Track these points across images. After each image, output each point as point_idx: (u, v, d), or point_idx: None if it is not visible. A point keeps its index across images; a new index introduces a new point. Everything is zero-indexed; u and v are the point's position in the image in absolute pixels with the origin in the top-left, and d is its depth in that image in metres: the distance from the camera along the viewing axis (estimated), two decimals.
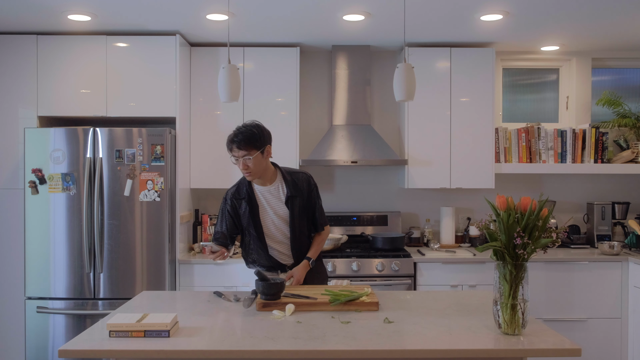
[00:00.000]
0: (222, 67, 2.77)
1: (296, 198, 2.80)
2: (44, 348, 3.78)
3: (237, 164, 2.69)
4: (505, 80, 4.76)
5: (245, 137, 2.64)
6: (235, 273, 3.93)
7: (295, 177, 2.84)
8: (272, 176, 2.81)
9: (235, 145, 2.65)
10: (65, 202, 3.76)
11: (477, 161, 4.30)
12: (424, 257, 4.03)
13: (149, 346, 1.98)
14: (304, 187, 2.83)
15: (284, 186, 2.81)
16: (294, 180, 2.82)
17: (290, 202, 2.79)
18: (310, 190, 2.86)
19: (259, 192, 2.81)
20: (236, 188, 2.84)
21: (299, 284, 2.79)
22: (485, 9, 3.48)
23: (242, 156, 2.65)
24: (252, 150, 2.65)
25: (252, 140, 2.65)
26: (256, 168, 2.69)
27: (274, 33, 4.02)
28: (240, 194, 2.80)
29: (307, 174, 2.89)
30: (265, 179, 2.79)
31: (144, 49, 3.97)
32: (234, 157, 2.68)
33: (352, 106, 4.41)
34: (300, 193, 2.81)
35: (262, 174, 2.75)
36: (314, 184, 2.89)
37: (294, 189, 2.80)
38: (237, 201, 2.81)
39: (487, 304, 2.52)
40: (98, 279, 3.78)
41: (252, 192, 2.79)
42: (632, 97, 4.78)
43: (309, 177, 2.88)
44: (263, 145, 2.69)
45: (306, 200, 2.84)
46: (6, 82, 3.93)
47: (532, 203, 2.08)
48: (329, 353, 1.95)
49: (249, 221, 2.79)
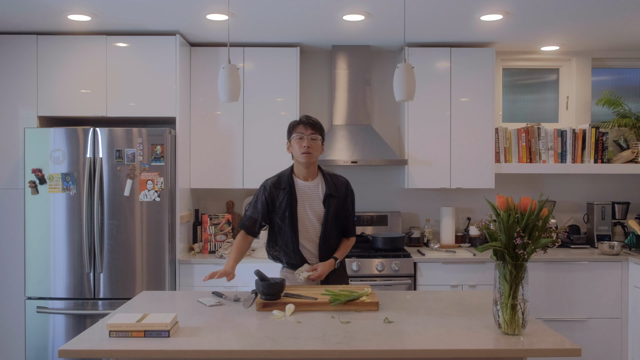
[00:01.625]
0: (222, 67, 2.77)
1: (333, 198, 2.84)
2: (44, 348, 3.78)
3: (298, 143, 2.77)
4: (505, 80, 4.76)
5: (315, 121, 2.83)
6: (236, 273, 3.92)
7: (335, 179, 2.92)
8: (315, 173, 2.88)
9: (306, 124, 2.79)
10: (65, 202, 3.76)
11: (477, 161, 4.30)
12: (424, 257, 4.03)
13: (149, 346, 1.98)
14: (342, 190, 2.90)
15: (324, 185, 2.86)
16: (334, 181, 2.89)
17: (327, 201, 2.83)
18: (347, 195, 2.92)
19: (299, 186, 2.84)
20: (277, 178, 2.88)
21: (320, 279, 2.78)
22: (485, 9, 3.48)
23: (309, 134, 2.77)
24: (317, 133, 2.79)
25: (320, 126, 2.84)
26: (315, 152, 2.79)
27: (274, 33, 4.02)
28: (281, 184, 2.84)
29: (346, 179, 2.96)
30: (309, 173, 2.85)
31: (144, 49, 3.97)
32: (299, 135, 2.77)
33: (352, 106, 4.41)
34: (338, 194, 2.87)
35: (313, 162, 2.83)
36: (351, 190, 2.96)
37: (334, 189, 2.86)
38: (276, 191, 2.84)
39: (487, 304, 2.52)
40: (98, 279, 3.78)
41: (292, 184, 2.83)
42: (632, 97, 4.78)
43: (348, 182, 2.96)
44: (323, 137, 2.86)
45: (342, 203, 2.88)
46: (6, 82, 3.93)
47: (532, 203, 2.08)
48: (329, 353, 1.95)
49: (285, 212, 2.80)
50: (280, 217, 2.82)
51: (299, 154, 2.78)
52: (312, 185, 2.85)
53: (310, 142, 2.76)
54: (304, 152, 2.76)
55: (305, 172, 2.84)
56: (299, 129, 2.79)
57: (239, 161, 4.24)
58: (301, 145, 2.76)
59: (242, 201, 4.57)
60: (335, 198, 2.84)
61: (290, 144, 2.84)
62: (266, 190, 2.86)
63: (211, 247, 4.14)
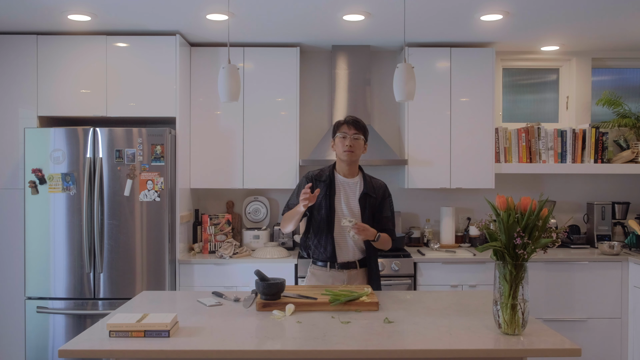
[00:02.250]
0: (222, 67, 2.77)
1: (370, 198, 2.89)
2: (44, 348, 3.78)
3: (341, 142, 2.85)
4: (505, 80, 4.76)
5: (360, 123, 2.90)
6: (235, 273, 3.93)
7: (374, 180, 2.99)
8: (355, 172, 2.96)
9: (351, 124, 2.87)
10: (65, 202, 3.76)
11: (477, 161, 4.30)
12: (424, 257, 4.03)
13: (149, 346, 1.98)
14: (379, 191, 2.95)
15: (362, 184, 2.93)
16: (372, 182, 2.96)
17: (363, 199, 2.89)
18: (385, 198, 2.96)
19: (339, 180, 2.92)
20: (319, 171, 2.98)
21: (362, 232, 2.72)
22: (485, 9, 3.48)
23: (352, 134, 2.85)
24: (360, 133, 2.87)
25: (364, 125, 2.91)
26: (357, 151, 2.86)
27: (274, 33, 4.02)
28: (322, 176, 2.93)
29: (384, 183, 3.02)
30: (350, 171, 2.93)
31: (144, 49, 3.97)
32: (343, 134, 2.85)
33: (352, 106, 4.41)
34: (375, 195, 2.91)
35: (355, 161, 2.90)
36: (389, 194, 3.00)
37: (371, 189, 2.92)
38: (316, 182, 2.91)
39: (487, 304, 2.52)
40: (98, 279, 3.78)
41: (333, 178, 2.92)
42: (632, 97, 4.78)
43: (386, 186, 3.01)
44: (367, 137, 2.92)
45: (379, 204, 2.92)
46: (6, 82, 3.93)
47: (532, 203, 2.08)
48: (329, 353, 1.95)
49: (322, 203, 2.86)
50: (317, 208, 2.88)
51: (341, 152, 2.87)
52: (351, 182, 2.93)
53: (352, 142, 2.84)
54: (346, 151, 2.85)
55: (347, 169, 2.92)
56: (343, 128, 2.88)
57: (239, 161, 4.24)
58: (344, 144, 2.85)
59: (242, 201, 4.57)
60: (371, 198, 2.90)
61: (334, 142, 2.91)
62: (308, 179, 2.94)
63: (211, 247, 4.14)
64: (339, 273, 2.87)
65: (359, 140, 2.86)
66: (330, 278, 2.88)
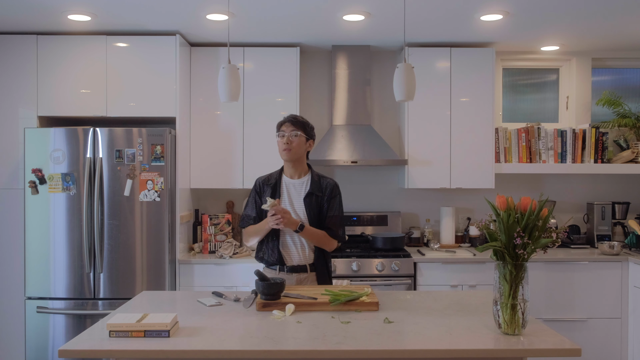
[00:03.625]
0: (222, 67, 2.77)
1: (314, 196, 2.85)
2: (44, 348, 3.78)
3: (280, 140, 2.84)
4: (505, 80, 4.76)
5: (299, 119, 2.89)
6: (235, 273, 3.93)
7: (324, 179, 2.94)
8: (303, 172, 2.93)
9: (287, 122, 2.86)
10: (65, 202, 3.76)
11: (477, 161, 4.30)
12: (424, 257, 4.03)
13: (149, 346, 1.98)
14: (326, 190, 2.89)
15: (309, 183, 2.90)
16: (321, 182, 2.91)
17: (308, 198, 2.85)
18: (332, 197, 2.89)
19: (285, 183, 2.91)
20: (268, 175, 2.97)
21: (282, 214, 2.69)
22: (485, 9, 3.48)
23: (289, 131, 2.83)
24: (299, 130, 2.84)
25: (304, 123, 2.89)
26: (296, 148, 2.83)
27: (274, 33, 4.02)
28: (270, 180, 2.93)
29: (335, 182, 2.96)
30: (297, 170, 2.91)
31: (144, 49, 3.97)
32: (281, 133, 2.84)
33: (352, 106, 4.41)
34: (321, 193, 2.87)
35: (297, 158, 2.87)
36: (338, 193, 2.93)
37: (317, 188, 2.88)
38: (264, 187, 2.92)
39: (487, 304, 2.52)
40: (98, 279, 3.78)
41: (279, 181, 2.91)
42: (632, 97, 4.78)
43: (336, 184, 2.95)
44: (310, 134, 2.89)
45: (325, 202, 2.87)
46: (6, 82, 3.93)
47: (532, 203, 2.08)
48: (329, 353, 1.95)
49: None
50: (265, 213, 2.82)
51: (281, 151, 2.87)
52: (297, 183, 2.90)
53: (290, 139, 2.82)
54: (284, 149, 2.83)
55: (292, 169, 2.90)
56: (282, 127, 2.87)
57: (239, 161, 4.24)
58: (282, 142, 2.84)
59: (242, 201, 4.57)
60: (316, 196, 2.85)
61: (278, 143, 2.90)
62: (256, 186, 2.95)
63: (211, 247, 4.14)
64: (288, 276, 2.83)
65: (298, 137, 2.82)
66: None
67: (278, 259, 2.84)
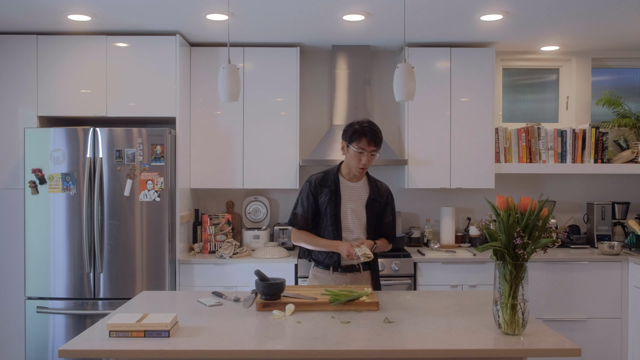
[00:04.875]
0: (222, 67, 2.77)
1: (376, 202, 2.86)
2: (44, 348, 3.78)
3: (357, 157, 2.74)
4: (505, 80, 4.76)
5: (380, 136, 2.76)
6: (235, 273, 3.93)
7: (379, 184, 2.94)
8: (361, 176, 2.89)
9: (371, 140, 2.71)
10: (65, 202, 3.76)
11: (477, 161, 4.30)
12: (424, 257, 4.03)
13: (149, 346, 1.98)
14: (384, 195, 2.90)
15: (368, 188, 2.88)
16: (378, 186, 2.91)
17: (370, 205, 2.85)
18: (388, 203, 2.92)
19: (344, 185, 2.85)
20: (323, 175, 2.87)
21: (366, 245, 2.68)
22: (485, 9, 3.48)
23: (371, 151, 2.74)
24: (378, 149, 2.77)
25: (381, 139, 2.79)
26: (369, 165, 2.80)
27: (274, 33, 4.02)
28: (327, 182, 2.84)
29: (388, 187, 2.97)
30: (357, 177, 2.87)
31: (144, 49, 3.97)
32: (360, 150, 2.72)
33: (352, 106, 4.41)
34: (380, 199, 2.88)
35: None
36: (392, 198, 2.96)
37: (377, 194, 2.87)
38: (321, 187, 2.83)
39: (487, 304, 2.52)
40: (98, 279, 3.78)
41: (338, 183, 2.84)
42: (632, 97, 4.78)
43: (389, 189, 2.97)
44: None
45: (382, 209, 2.88)
46: (6, 82, 3.93)
47: (532, 203, 2.08)
48: (329, 353, 1.95)
49: (327, 209, 2.79)
50: (322, 214, 2.82)
51: (355, 167, 2.78)
52: (356, 186, 2.87)
53: (369, 159, 2.76)
54: (361, 168, 2.78)
55: (352, 175, 2.87)
56: (363, 142, 2.72)
57: (239, 161, 4.24)
58: (359, 160, 2.75)
59: (242, 201, 4.57)
60: (377, 203, 2.87)
61: (347, 150, 2.79)
62: (311, 185, 2.85)
63: (211, 247, 4.14)
64: (341, 276, 2.84)
65: (374, 155, 2.78)
66: (333, 281, 2.84)
67: (335, 262, 2.83)
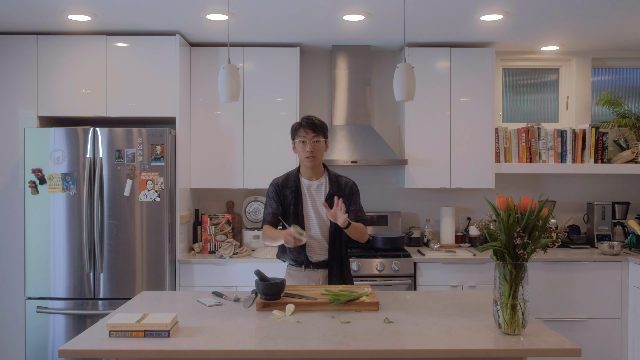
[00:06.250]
0: (222, 67, 2.77)
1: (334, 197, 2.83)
2: (44, 348, 3.78)
3: (302, 147, 2.81)
4: (505, 80, 4.76)
5: (317, 123, 2.83)
6: (235, 273, 3.93)
7: (341, 179, 2.95)
8: (320, 173, 2.93)
9: (307, 127, 2.80)
10: (65, 202, 3.76)
11: (477, 161, 4.30)
12: (424, 257, 4.03)
13: (149, 346, 1.98)
14: (346, 189, 2.91)
15: (328, 184, 2.91)
16: (339, 181, 2.93)
17: (329, 200, 2.85)
18: (352, 193, 2.92)
19: (305, 185, 2.91)
20: (285, 177, 2.95)
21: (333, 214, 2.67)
22: (485, 9, 3.48)
23: (311, 138, 2.80)
24: (320, 135, 2.82)
25: (323, 126, 2.85)
26: (319, 154, 2.84)
27: (274, 33, 4.02)
28: (288, 183, 2.90)
29: (353, 181, 2.98)
30: (314, 173, 2.90)
31: (144, 49, 3.97)
32: (302, 139, 2.81)
33: (352, 106, 4.41)
34: (342, 193, 2.88)
35: (318, 163, 2.88)
36: (356, 190, 2.96)
37: (337, 188, 2.89)
38: (283, 189, 2.90)
39: (487, 304, 2.52)
40: (98, 279, 3.78)
41: (299, 183, 2.90)
42: (632, 97, 4.78)
43: (354, 183, 2.97)
44: (326, 136, 2.88)
45: (346, 200, 2.88)
46: (6, 82, 3.93)
47: (532, 203, 2.08)
48: (329, 353, 1.95)
49: (291, 211, 2.86)
50: (287, 215, 2.87)
51: (303, 158, 2.85)
52: (316, 184, 2.91)
53: (313, 146, 2.81)
54: (307, 157, 2.82)
55: (310, 172, 2.91)
56: (301, 132, 2.83)
57: (239, 161, 4.24)
58: (304, 150, 2.82)
59: (242, 201, 4.57)
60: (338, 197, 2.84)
61: (295, 146, 2.88)
62: (275, 187, 2.92)
63: (211, 247, 4.14)
64: (314, 272, 2.89)
65: (319, 142, 2.83)
66: (306, 278, 2.89)
67: (304, 259, 2.87)
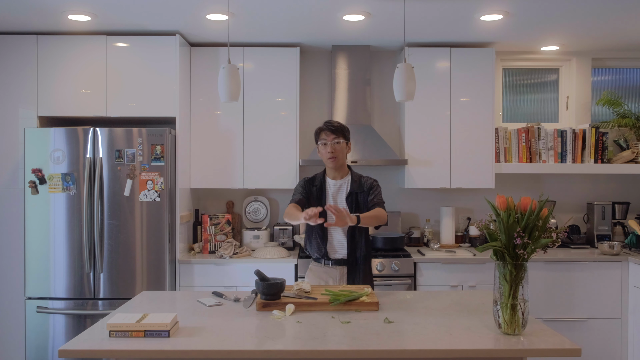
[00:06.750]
0: (222, 67, 2.77)
1: (356, 195, 3.02)
2: (44, 348, 3.78)
3: (324, 149, 2.99)
4: (505, 80, 4.76)
5: (336, 125, 3.01)
6: (235, 273, 3.93)
7: (364, 179, 3.08)
8: (344, 174, 3.08)
9: (327, 130, 2.99)
10: (65, 202, 3.76)
11: (477, 161, 4.30)
12: (424, 257, 4.03)
13: (149, 346, 1.98)
14: (365, 186, 3.04)
15: (349, 184, 3.06)
16: (361, 181, 3.07)
17: (350, 198, 3.01)
18: (371, 187, 3.04)
19: (329, 184, 3.07)
20: (313, 176, 3.14)
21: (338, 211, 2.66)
22: (485, 9, 3.48)
23: (331, 140, 2.97)
24: (340, 136, 2.99)
25: (343, 129, 3.02)
26: (340, 155, 2.99)
27: (274, 33, 4.02)
28: (315, 181, 3.09)
29: (374, 179, 3.10)
30: (339, 173, 3.06)
31: (144, 49, 3.97)
32: (323, 142, 2.98)
33: (352, 106, 4.41)
34: (362, 190, 3.02)
35: (341, 163, 3.03)
36: (376, 185, 3.07)
37: (358, 186, 3.03)
38: (310, 186, 3.07)
39: (487, 304, 2.52)
40: (98, 279, 3.78)
41: (324, 183, 3.07)
42: (632, 97, 4.78)
43: (375, 181, 3.09)
44: (348, 138, 3.05)
45: (366, 196, 3.01)
46: (6, 82, 3.93)
47: (532, 203, 2.08)
48: (329, 353, 1.95)
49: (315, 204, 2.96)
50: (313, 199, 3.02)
51: (326, 159, 3.01)
52: (339, 183, 3.06)
53: (333, 147, 2.96)
54: (329, 158, 2.97)
55: (334, 172, 3.06)
56: (322, 135, 3.00)
57: (239, 161, 4.24)
58: (326, 151, 2.98)
59: (242, 201, 4.57)
60: (358, 194, 3.01)
61: (319, 149, 3.04)
62: (304, 182, 3.10)
63: (211, 247, 4.14)
64: (332, 269, 3.01)
65: (340, 144, 2.98)
66: (325, 274, 3.02)
67: (324, 254, 3.00)
